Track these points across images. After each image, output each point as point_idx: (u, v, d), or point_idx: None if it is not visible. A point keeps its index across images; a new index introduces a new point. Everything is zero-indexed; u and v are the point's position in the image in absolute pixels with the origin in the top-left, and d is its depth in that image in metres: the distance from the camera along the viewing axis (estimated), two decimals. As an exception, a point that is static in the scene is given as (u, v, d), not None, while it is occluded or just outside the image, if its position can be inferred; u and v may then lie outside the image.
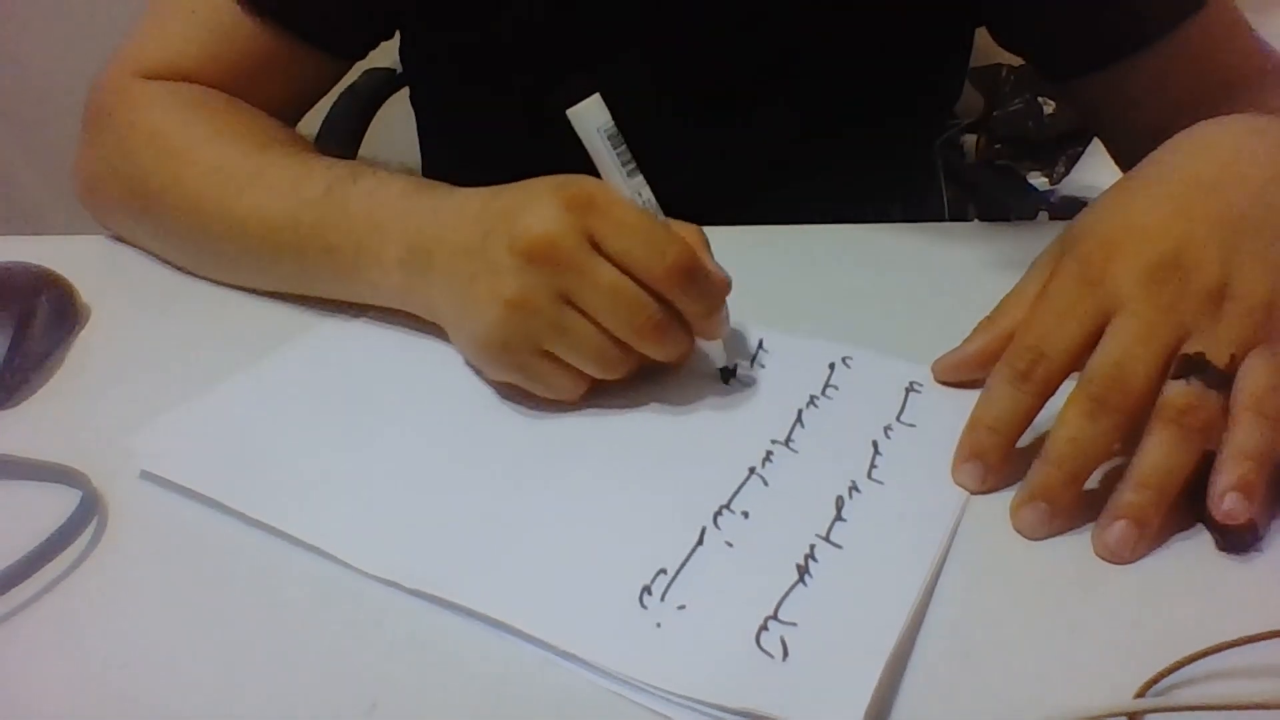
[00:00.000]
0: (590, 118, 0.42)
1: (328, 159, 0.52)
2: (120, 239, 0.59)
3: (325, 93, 0.66)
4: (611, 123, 0.42)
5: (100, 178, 0.57)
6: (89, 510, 0.39)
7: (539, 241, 0.40)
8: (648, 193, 0.43)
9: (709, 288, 0.42)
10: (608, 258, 0.41)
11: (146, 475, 0.41)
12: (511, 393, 0.45)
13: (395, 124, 0.95)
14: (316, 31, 0.60)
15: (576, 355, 0.42)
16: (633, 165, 0.43)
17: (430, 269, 0.45)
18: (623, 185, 0.42)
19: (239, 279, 0.54)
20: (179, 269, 0.56)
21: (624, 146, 0.42)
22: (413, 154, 0.83)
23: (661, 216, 0.44)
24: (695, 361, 0.46)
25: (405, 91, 0.91)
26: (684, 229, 0.44)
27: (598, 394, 0.45)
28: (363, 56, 0.67)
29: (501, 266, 0.41)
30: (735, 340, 0.48)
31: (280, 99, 0.61)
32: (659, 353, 0.43)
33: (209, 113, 0.56)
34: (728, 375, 0.46)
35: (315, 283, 0.51)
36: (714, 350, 0.46)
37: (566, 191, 0.41)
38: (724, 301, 0.44)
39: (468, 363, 0.47)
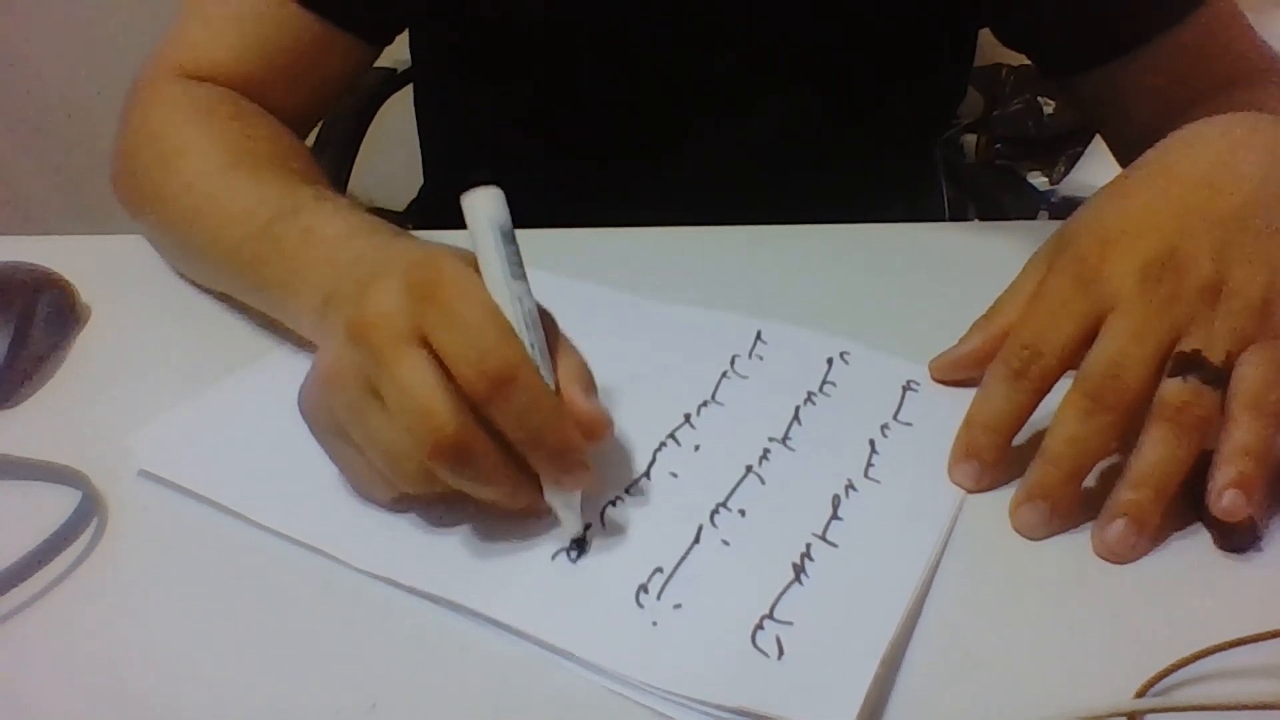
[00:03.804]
0: (485, 209, 0.37)
1: (282, 184, 0.50)
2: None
3: (353, 81, 0.67)
4: (508, 218, 0.37)
5: (119, 171, 0.59)
6: (89, 510, 0.39)
7: (362, 320, 0.36)
8: (530, 302, 0.37)
9: (535, 412, 0.35)
10: (433, 353, 0.35)
11: (146, 475, 0.41)
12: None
13: (395, 124, 0.95)
14: (350, 17, 0.61)
15: (370, 449, 0.37)
16: (520, 269, 0.37)
17: (325, 320, 0.42)
18: (500, 286, 0.36)
19: (218, 285, 0.55)
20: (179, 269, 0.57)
21: (516, 246, 0.37)
22: (413, 154, 0.83)
23: (536, 333, 0.37)
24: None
25: (405, 91, 0.92)
26: (567, 357, 0.38)
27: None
28: (389, 42, 0.67)
29: (333, 336, 0.38)
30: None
31: (313, 88, 0.62)
32: (458, 481, 0.35)
33: (205, 118, 0.56)
34: (578, 548, 0.37)
35: (264, 308, 0.50)
36: (565, 512, 0.37)
37: (416, 274, 0.36)
38: (578, 445, 0.36)
39: None
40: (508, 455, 0.36)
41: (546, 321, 0.38)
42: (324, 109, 0.66)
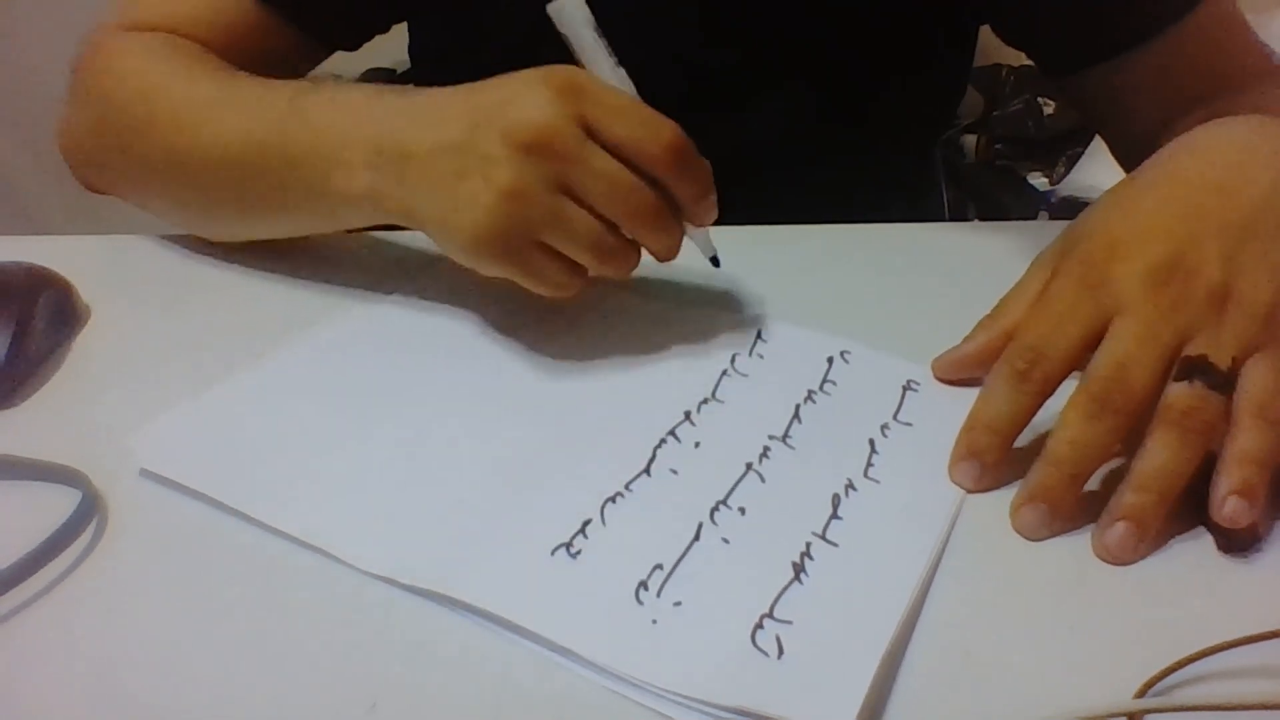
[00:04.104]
0: (574, 10, 0.43)
1: (281, 80, 0.52)
2: (98, 190, 0.59)
3: (304, 74, 0.66)
4: (592, 16, 0.43)
5: (80, 128, 0.58)
6: (89, 510, 0.39)
7: (535, 131, 0.40)
8: (630, 86, 0.44)
9: (703, 169, 0.43)
10: (603, 144, 0.41)
11: (146, 474, 0.41)
12: (507, 391, 0.45)
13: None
14: (299, 13, 0.61)
15: (573, 245, 0.42)
16: (615, 58, 0.44)
17: (405, 169, 0.44)
18: (611, 76, 0.43)
19: (220, 215, 0.54)
20: (180, 269, 0.56)
21: (606, 39, 0.43)
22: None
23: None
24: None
25: (405, 91, 0.91)
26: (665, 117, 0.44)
27: (598, 391, 0.45)
28: (354, 47, 0.67)
29: (495, 158, 0.41)
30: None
31: (263, 69, 0.61)
32: (655, 240, 0.44)
33: (179, 55, 0.56)
34: (716, 262, 0.49)
35: (287, 204, 0.50)
36: (700, 239, 0.48)
37: (556, 79, 0.41)
38: (713, 185, 0.44)
39: (462, 353, 0.46)
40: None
41: None
42: None
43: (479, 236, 0.42)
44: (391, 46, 0.71)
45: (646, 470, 0.41)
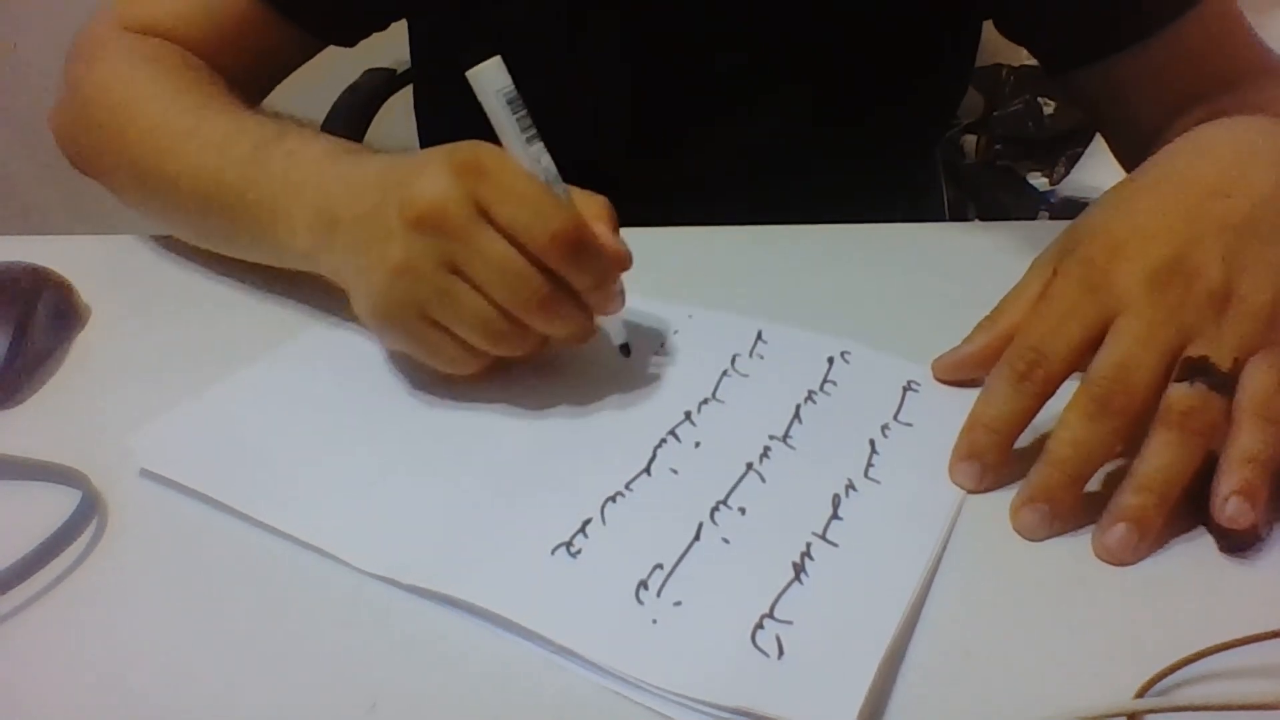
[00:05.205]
0: (489, 80, 0.40)
1: (262, 117, 0.52)
2: (83, 172, 0.60)
3: (295, 68, 0.67)
4: (511, 86, 0.41)
5: (66, 118, 0.59)
6: (89, 510, 0.39)
7: (426, 208, 0.40)
8: (547, 160, 0.42)
9: (598, 261, 0.41)
10: (496, 226, 0.40)
11: (146, 475, 0.41)
12: (507, 390, 0.45)
13: (395, 124, 0.95)
14: (295, 9, 0.61)
15: (463, 326, 0.41)
16: (533, 132, 0.41)
17: (334, 234, 0.44)
18: (520, 152, 0.41)
19: (180, 235, 0.56)
20: (180, 268, 0.56)
21: (524, 112, 0.41)
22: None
23: (560, 185, 0.42)
24: (596, 342, 0.45)
25: (405, 91, 0.91)
26: (588, 199, 0.43)
27: (598, 391, 0.45)
28: (350, 44, 0.67)
29: (391, 233, 0.40)
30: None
31: (251, 68, 0.62)
32: (550, 328, 0.42)
33: (159, 68, 0.56)
34: (627, 351, 0.46)
35: (238, 242, 0.51)
36: (611, 325, 0.46)
37: (457, 157, 0.40)
38: (616, 276, 0.43)
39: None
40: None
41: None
42: (264, 86, 0.65)
43: (374, 308, 0.42)
44: (392, 46, 0.72)
45: (647, 470, 0.41)
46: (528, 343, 0.42)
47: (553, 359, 0.47)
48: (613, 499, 0.39)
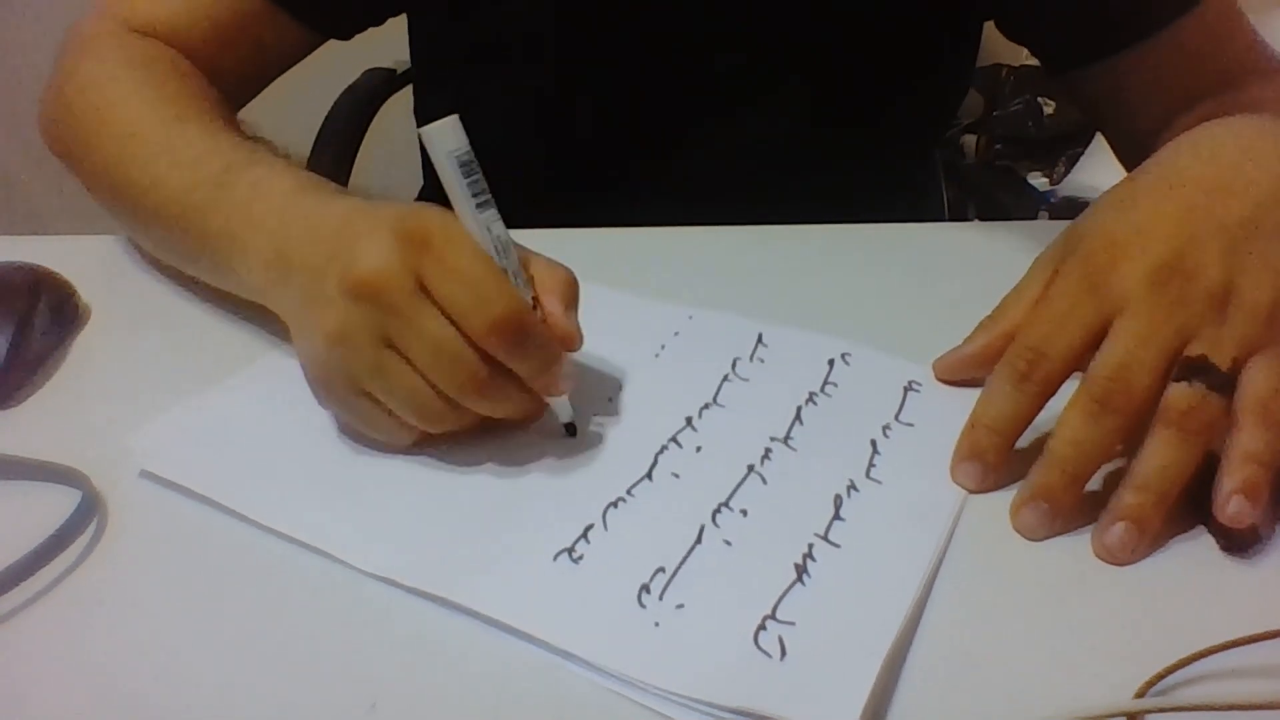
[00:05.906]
0: (442, 141, 0.38)
1: (238, 138, 0.51)
2: (62, 160, 0.59)
3: (293, 64, 0.66)
4: (466, 148, 0.38)
5: (49, 112, 0.59)
6: (89, 510, 0.39)
7: (364, 277, 0.37)
8: (499, 228, 0.39)
9: (541, 349, 0.39)
10: (436, 304, 0.38)
11: (146, 475, 0.41)
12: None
13: (395, 124, 0.95)
14: (292, 1, 0.61)
15: (396, 402, 0.39)
16: (485, 197, 0.39)
17: (287, 278, 0.42)
18: (470, 219, 0.38)
19: (144, 245, 0.55)
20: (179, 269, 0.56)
21: (478, 175, 0.38)
22: (413, 154, 0.83)
23: (511, 256, 0.39)
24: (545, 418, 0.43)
25: (405, 91, 0.91)
26: (549, 271, 0.41)
27: (599, 398, 0.45)
28: (346, 37, 0.67)
29: (330, 298, 0.39)
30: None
31: (248, 63, 0.62)
32: (488, 410, 0.40)
33: (145, 73, 0.56)
34: (572, 430, 0.43)
35: (199, 265, 0.50)
36: (558, 405, 0.42)
37: (404, 226, 0.38)
38: (559, 360, 0.40)
39: None
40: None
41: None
42: (260, 82, 0.65)
43: (309, 370, 0.41)
44: (391, 46, 0.71)
45: (648, 475, 0.41)
46: (464, 421, 0.40)
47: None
48: (614, 504, 0.39)
